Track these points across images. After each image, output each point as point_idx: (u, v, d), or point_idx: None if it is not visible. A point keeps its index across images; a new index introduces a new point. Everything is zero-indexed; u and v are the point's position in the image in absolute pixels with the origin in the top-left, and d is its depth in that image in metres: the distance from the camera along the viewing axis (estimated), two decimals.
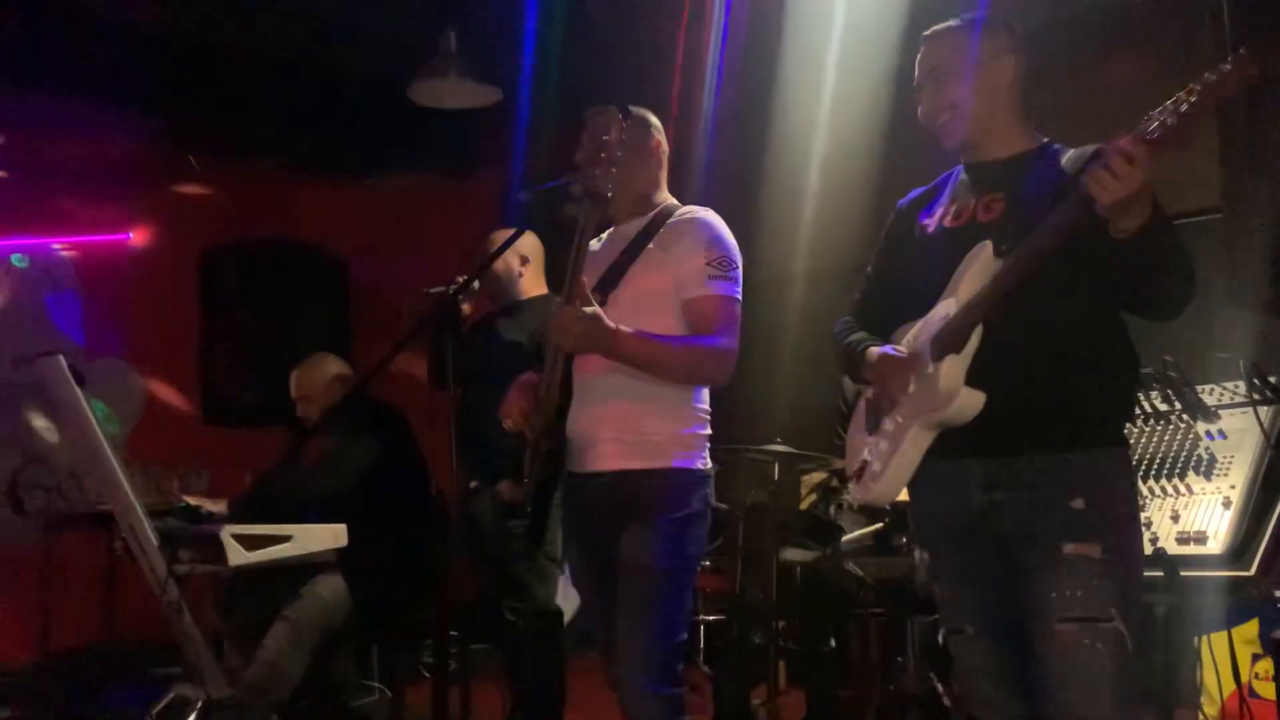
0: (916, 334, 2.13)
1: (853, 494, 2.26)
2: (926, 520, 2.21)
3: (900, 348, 2.15)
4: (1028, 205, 2.01)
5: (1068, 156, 2.08)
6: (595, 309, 2.37)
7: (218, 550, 3.19)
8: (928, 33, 2.22)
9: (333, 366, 3.97)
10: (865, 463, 2.20)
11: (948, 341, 2.03)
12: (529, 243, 3.70)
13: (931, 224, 2.20)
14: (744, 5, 4.45)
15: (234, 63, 4.85)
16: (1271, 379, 2.63)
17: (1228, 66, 1.69)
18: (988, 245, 2.02)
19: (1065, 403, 1.99)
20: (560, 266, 2.60)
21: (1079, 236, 1.86)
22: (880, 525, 3.60)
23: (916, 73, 2.22)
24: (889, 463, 2.11)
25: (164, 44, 4.67)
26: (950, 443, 2.05)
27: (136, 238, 6.00)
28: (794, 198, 4.94)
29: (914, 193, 2.34)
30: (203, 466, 5.61)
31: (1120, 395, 2.07)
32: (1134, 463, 2.51)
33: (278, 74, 4.95)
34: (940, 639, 2.16)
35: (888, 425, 2.15)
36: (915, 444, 2.08)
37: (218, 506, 3.67)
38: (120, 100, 4.99)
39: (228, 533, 3.19)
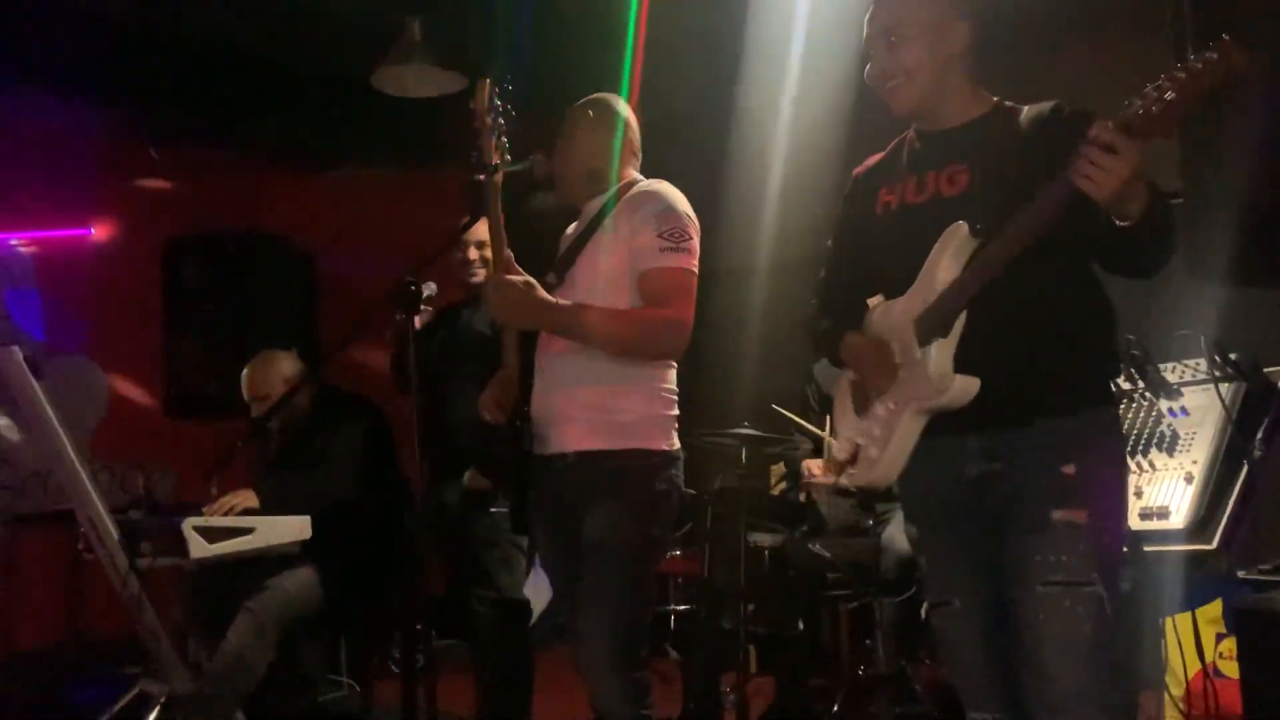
0: (895, 314, 2.08)
1: (848, 478, 2.22)
2: (916, 495, 2.18)
3: (876, 336, 2.11)
4: (994, 174, 1.98)
5: (1025, 114, 2.04)
6: (525, 277, 2.35)
7: (179, 543, 3.15)
8: None
9: (286, 362, 3.90)
10: (859, 447, 2.16)
11: (933, 325, 1.99)
12: (484, 229, 3.65)
13: (894, 199, 2.14)
14: None
15: (195, 52, 4.78)
16: (1232, 356, 2.65)
17: (1213, 54, 1.62)
18: (962, 226, 1.97)
19: (1056, 370, 1.96)
20: (523, 252, 2.57)
21: (1061, 218, 1.82)
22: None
23: (866, 30, 2.11)
24: (886, 447, 2.07)
25: (125, 33, 4.59)
26: (946, 420, 2.01)
27: (98, 232, 5.91)
28: (757, 189, 4.93)
29: (870, 160, 2.27)
30: (168, 462, 5.55)
31: (1106, 352, 2.06)
32: None
33: (240, 63, 4.89)
34: (923, 613, 2.14)
35: (879, 410, 2.11)
36: (910, 428, 2.04)
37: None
38: (81, 91, 4.91)
39: (189, 525, 3.15)
